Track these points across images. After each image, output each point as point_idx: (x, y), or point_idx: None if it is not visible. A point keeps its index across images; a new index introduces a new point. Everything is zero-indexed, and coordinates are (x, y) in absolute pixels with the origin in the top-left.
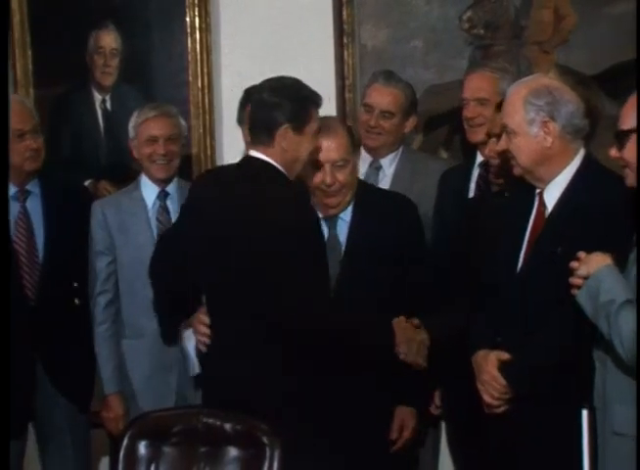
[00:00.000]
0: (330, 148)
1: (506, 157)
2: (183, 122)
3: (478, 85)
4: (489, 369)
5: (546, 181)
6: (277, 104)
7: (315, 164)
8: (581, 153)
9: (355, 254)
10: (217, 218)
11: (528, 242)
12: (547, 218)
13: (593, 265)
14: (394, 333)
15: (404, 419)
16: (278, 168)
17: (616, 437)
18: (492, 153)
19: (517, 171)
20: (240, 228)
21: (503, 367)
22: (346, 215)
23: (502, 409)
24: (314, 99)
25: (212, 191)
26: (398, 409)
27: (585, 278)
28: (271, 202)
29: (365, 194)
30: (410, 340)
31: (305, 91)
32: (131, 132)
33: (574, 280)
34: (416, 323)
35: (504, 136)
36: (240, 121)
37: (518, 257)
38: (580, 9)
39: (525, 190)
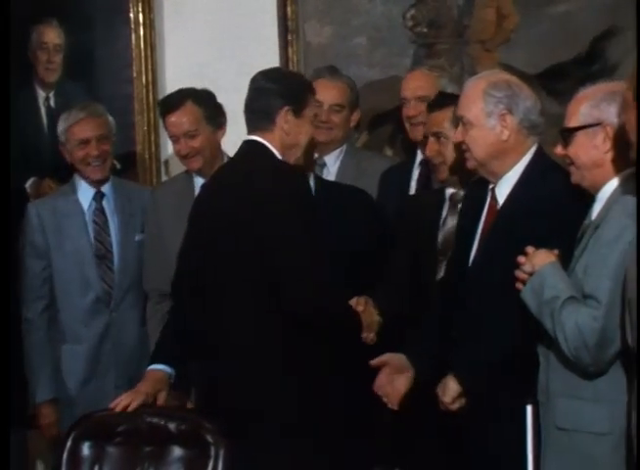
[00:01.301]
0: None
1: (460, 150)
2: (111, 120)
3: (417, 84)
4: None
5: (499, 176)
6: (276, 89)
7: None
8: (533, 149)
9: None
10: (210, 208)
11: (481, 237)
12: (498, 213)
13: (538, 262)
14: (360, 317)
15: None
16: (275, 153)
17: (558, 431)
18: (433, 152)
19: (471, 164)
20: (230, 214)
21: (456, 365)
22: None
23: (456, 406)
24: (309, 85)
25: (211, 184)
26: None
27: (530, 274)
28: (260, 183)
29: (322, 189)
30: (372, 323)
31: (300, 77)
32: (61, 137)
33: (519, 274)
34: (371, 303)
35: (459, 128)
36: None
37: (470, 252)
38: (522, 9)
39: (479, 186)
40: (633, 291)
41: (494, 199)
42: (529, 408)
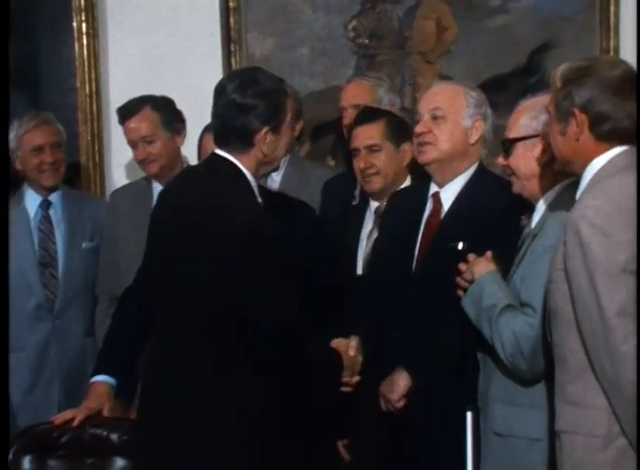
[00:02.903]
0: None
1: (395, 161)
2: (62, 129)
3: (354, 93)
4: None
5: (447, 179)
6: (252, 107)
7: None
8: (478, 161)
9: None
10: (172, 228)
11: (422, 241)
12: (444, 218)
13: (477, 271)
14: (341, 359)
15: None
16: (246, 176)
17: (495, 437)
18: (367, 164)
19: (427, 157)
20: (192, 240)
21: (407, 361)
22: None
23: (401, 404)
24: (283, 89)
25: (173, 196)
26: None
27: (470, 282)
28: (227, 216)
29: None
30: (353, 364)
31: (275, 82)
32: (13, 144)
33: (460, 282)
34: (354, 345)
35: (426, 120)
36: None
37: (412, 255)
38: (462, 21)
39: (416, 191)
40: (555, 301)
41: (438, 203)
42: (469, 415)
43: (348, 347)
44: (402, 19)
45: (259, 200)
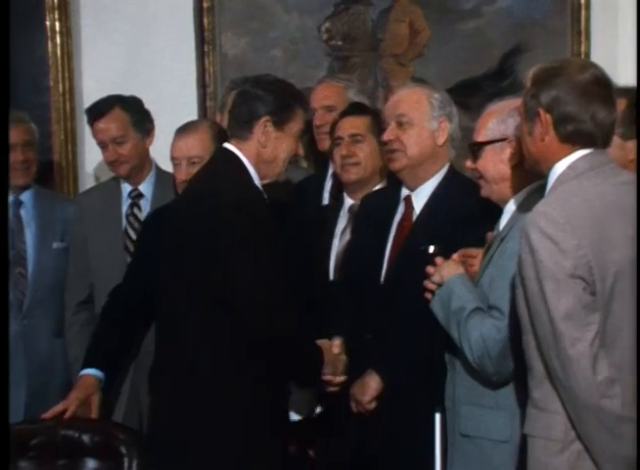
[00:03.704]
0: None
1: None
2: (35, 127)
3: (324, 94)
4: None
5: (418, 183)
6: (260, 96)
7: None
8: (448, 164)
9: None
10: (170, 229)
11: (394, 244)
12: (415, 221)
13: (446, 274)
14: (322, 355)
15: None
16: (244, 164)
17: (462, 438)
18: (349, 151)
19: (398, 164)
20: (187, 238)
21: (376, 362)
22: None
23: (372, 406)
24: (300, 99)
25: (184, 194)
26: None
27: (439, 285)
28: (218, 204)
29: None
30: (337, 362)
31: (292, 89)
32: None
33: (428, 285)
34: (338, 343)
35: (392, 127)
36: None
37: (383, 258)
38: (435, 24)
39: (388, 194)
40: (519, 306)
41: (410, 207)
42: (438, 416)
43: (332, 345)
44: (375, 21)
45: (258, 185)
